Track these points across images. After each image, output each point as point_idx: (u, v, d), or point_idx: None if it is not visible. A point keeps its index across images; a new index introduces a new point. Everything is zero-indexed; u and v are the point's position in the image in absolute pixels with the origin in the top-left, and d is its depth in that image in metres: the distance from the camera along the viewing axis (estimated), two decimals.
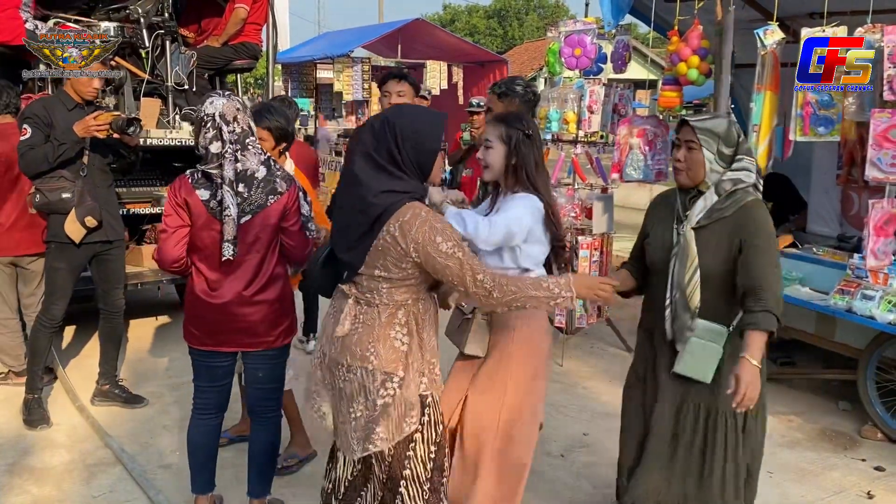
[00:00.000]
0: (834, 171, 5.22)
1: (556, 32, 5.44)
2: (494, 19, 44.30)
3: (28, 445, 3.99)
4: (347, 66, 10.07)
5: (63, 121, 4.06)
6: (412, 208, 2.28)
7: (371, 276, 2.35)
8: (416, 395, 2.38)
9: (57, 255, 4.18)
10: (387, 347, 2.35)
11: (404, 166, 2.30)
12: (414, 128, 2.31)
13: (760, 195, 2.59)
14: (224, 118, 2.82)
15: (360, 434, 2.38)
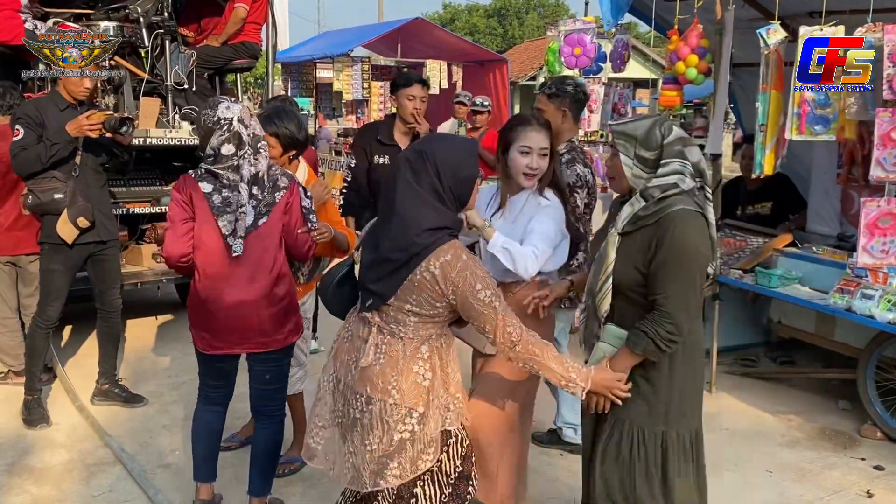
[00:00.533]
0: (834, 170, 5.21)
1: (556, 32, 5.46)
2: (494, 18, 44.30)
3: (28, 445, 3.99)
4: (347, 66, 10.07)
5: (55, 121, 4.05)
6: (453, 248, 2.25)
7: (400, 309, 2.30)
8: (436, 432, 2.33)
9: (51, 257, 4.17)
10: (409, 382, 2.30)
11: (445, 197, 2.28)
12: (452, 158, 2.30)
13: (703, 201, 2.36)
14: (243, 122, 2.91)
15: (374, 467, 2.32)
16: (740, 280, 4.73)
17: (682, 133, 2.36)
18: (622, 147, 2.39)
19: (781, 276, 4.58)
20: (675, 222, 2.28)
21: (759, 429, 4.37)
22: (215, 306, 2.96)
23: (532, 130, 2.92)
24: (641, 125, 2.37)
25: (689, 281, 2.31)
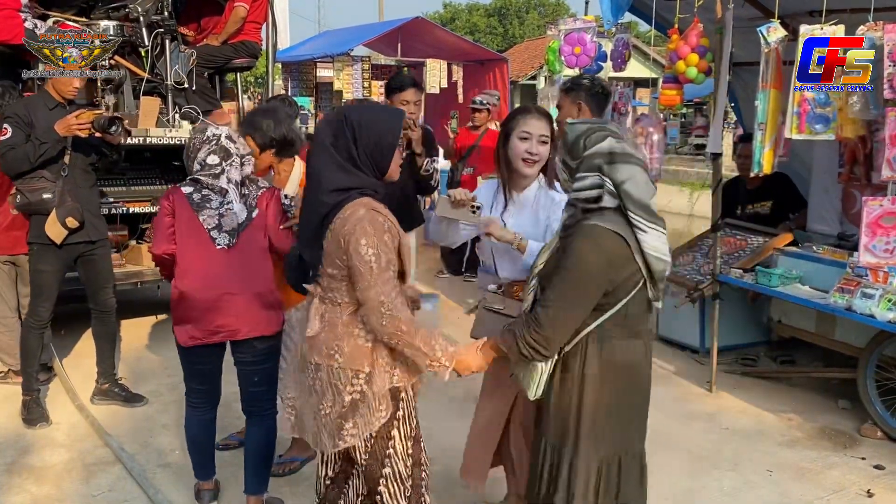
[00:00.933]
0: (835, 169, 5.21)
1: (556, 31, 5.44)
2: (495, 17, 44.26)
3: (27, 444, 3.99)
4: (347, 65, 10.06)
5: (44, 120, 4.04)
6: (354, 205, 2.28)
7: (329, 276, 2.37)
8: (384, 390, 2.38)
9: (40, 257, 4.16)
10: (351, 345, 2.36)
11: (360, 162, 2.31)
12: (371, 123, 2.32)
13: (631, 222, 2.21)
14: (230, 139, 3.16)
15: (332, 429, 2.40)
16: (741, 279, 4.73)
17: (616, 148, 2.22)
18: (559, 148, 2.36)
19: (782, 276, 4.58)
20: (578, 237, 2.23)
21: (759, 428, 4.36)
22: (197, 296, 3.07)
23: (532, 118, 2.93)
24: (576, 129, 2.30)
25: (568, 297, 2.21)
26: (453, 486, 3.64)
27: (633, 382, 2.35)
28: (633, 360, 2.33)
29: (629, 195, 2.19)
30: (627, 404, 2.35)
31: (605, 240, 2.20)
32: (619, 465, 2.33)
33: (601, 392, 2.30)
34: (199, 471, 3.38)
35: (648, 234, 2.20)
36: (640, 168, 2.23)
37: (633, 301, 2.26)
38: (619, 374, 2.31)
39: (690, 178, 18.12)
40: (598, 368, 2.29)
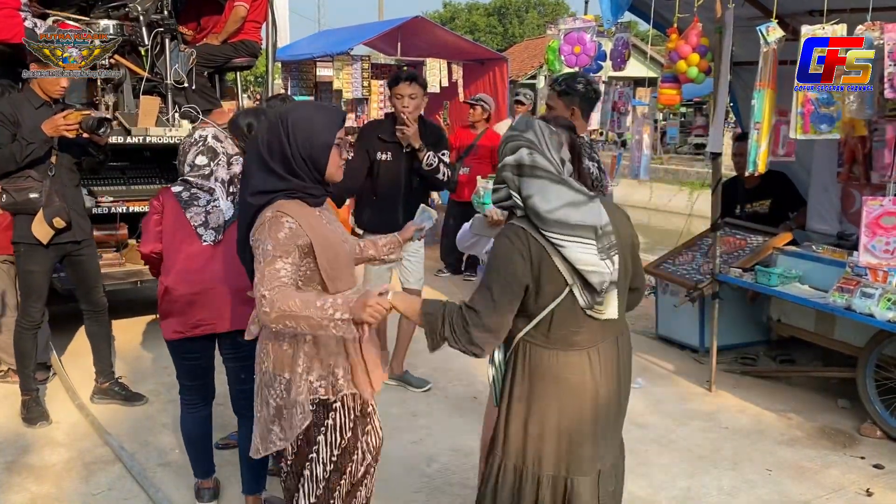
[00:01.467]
0: (834, 168, 5.20)
1: (556, 30, 5.44)
2: (495, 17, 44.28)
3: (27, 443, 3.99)
4: (347, 64, 10.04)
5: (30, 119, 4.01)
6: (271, 207, 2.25)
7: (253, 282, 2.34)
8: (305, 398, 2.34)
9: (28, 257, 4.14)
10: (275, 350, 2.38)
11: (296, 164, 2.26)
12: (303, 122, 2.27)
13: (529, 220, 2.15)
14: (217, 139, 3.19)
15: (262, 433, 2.44)
16: (740, 278, 4.74)
17: (526, 160, 2.14)
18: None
19: (781, 275, 4.58)
20: (498, 236, 2.18)
21: (758, 427, 4.37)
22: (181, 291, 3.09)
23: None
24: (504, 135, 2.24)
25: (492, 285, 2.12)
26: (451, 486, 3.65)
27: (569, 399, 2.20)
28: (566, 374, 2.20)
29: (535, 210, 2.10)
30: (560, 422, 2.21)
31: (521, 237, 2.12)
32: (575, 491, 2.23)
33: (546, 407, 2.21)
34: (197, 469, 3.39)
35: (568, 248, 2.08)
36: (549, 182, 2.12)
37: (560, 309, 2.15)
38: (548, 388, 2.20)
39: (690, 177, 18.14)
40: (523, 379, 2.23)
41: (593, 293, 2.14)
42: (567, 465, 2.23)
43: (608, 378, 2.24)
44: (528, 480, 2.24)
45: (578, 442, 2.22)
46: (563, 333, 2.18)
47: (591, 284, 2.12)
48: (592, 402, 2.22)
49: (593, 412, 2.23)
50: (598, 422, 2.24)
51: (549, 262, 2.11)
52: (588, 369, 2.21)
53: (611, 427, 2.30)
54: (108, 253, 5.62)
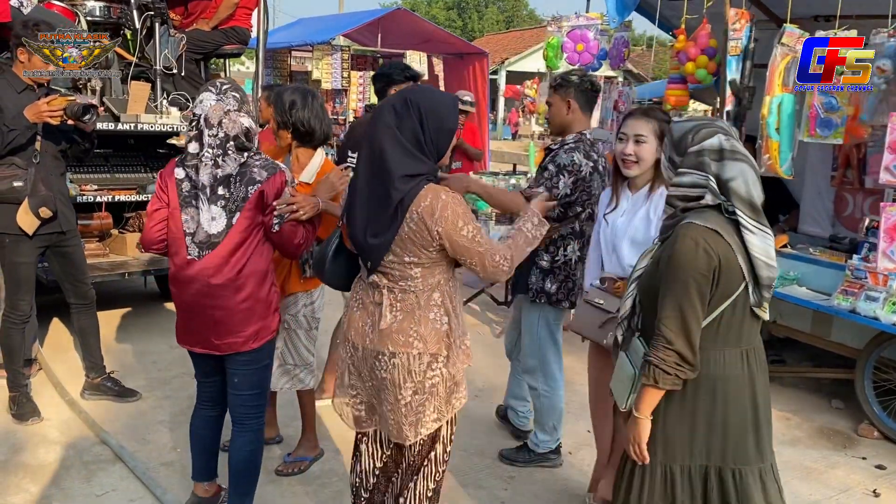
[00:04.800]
0: (828, 172, 5.30)
1: (556, 27, 5.42)
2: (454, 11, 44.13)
3: (19, 441, 3.83)
4: (327, 54, 9.90)
5: (13, 104, 3.84)
6: (431, 192, 2.28)
7: (402, 263, 2.35)
8: (461, 372, 2.42)
9: (15, 249, 3.97)
10: (429, 330, 2.37)
11: (426, 147, 2.31)
12: (436, 106, 2.33)
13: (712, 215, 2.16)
14: (208, 122, 2.76)
15: (413, 418, 2.40)
16: None
17: (726, 145, 2.14)
18: (665, 147, 2.31)
19: (781, 277, 4.63)
20: (678, 239, 2.16)
21: None
22: (179, 300, 2.93)
23: (631, 119, 2.97)
24: (682, 126, 2.25)
25: (680, 300, 2.12)
26: (465, 487, 3.62)
27: (726, 397, 2.22)
28: (725, 373, 2.21)
29: (737, 193, 2.13)
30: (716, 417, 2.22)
31: (706, 238, 2.12)
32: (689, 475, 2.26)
33: (684, 402, 2.23)
34: (194, 468, 3.23)
35: (756, 235, 2.13)
36: (749, 166, 2.16)
37: (732, 308, 2.17)
38: (707, 388, 2.21)
39: None
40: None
41: (762, 290, 2.17)
42: (734, 457, 2.24)
43: (759, 377, 2.27)
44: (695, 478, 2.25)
45: (725, 439, 2.24)
46: (729, 333, 2.20)
47: (761, 280, 2.14)
48: (748, 401, 2.24)
49: (746, 411, 2.25)
50: (746, 420, 2.25)
51: (731, 256, 2.12)
52: (743, 369, 2.23)
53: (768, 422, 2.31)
54: (91, 243, 5.44)
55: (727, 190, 2.15)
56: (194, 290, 2.85)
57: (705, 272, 2.11)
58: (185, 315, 2.94)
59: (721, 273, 2.12)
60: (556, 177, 3.35)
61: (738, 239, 2.14)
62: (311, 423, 3.70)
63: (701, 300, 2.13)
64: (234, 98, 2.80)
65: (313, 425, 3.71)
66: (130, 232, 5.71)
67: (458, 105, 2.46)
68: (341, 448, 3.85)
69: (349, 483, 2.73)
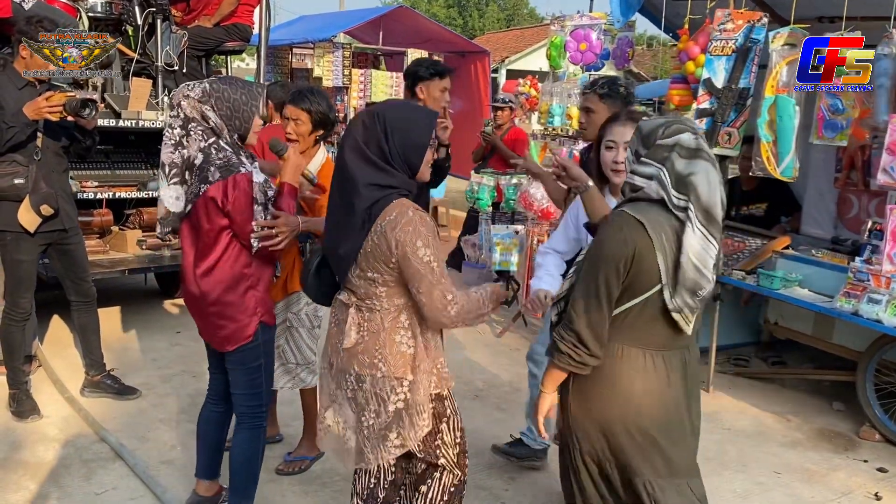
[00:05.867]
0: (831, 173, 5.28)
1: (559, 26, 5.40)
2: (455, 9, 44.02)
3: (18, 439, 3.82)
4: (329, 52, 9.88)
5: (13, 101, 3.82)
6: (399, 206, 2.25)
7: (367, 280, 2.32)
8: (426, 397, 2.36)
9: (17, 246, 3.95)
10: (393, 353, 2.33)
11: (392, 160, 2.27)
12: (403, 121, 2.29)
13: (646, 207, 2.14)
14: (170, 104, 2.82)
15: (374, 442, 2.37)
16: (742, 281, 4.76)
17: (690, 143, 2.12)
18: (631, 142, 2.28)
19: (782, 278, 4.62)
20: (605, 223, 2.18)
21: (759, 429, 4.41)
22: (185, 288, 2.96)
23: (617, 125, 2.89)
24: (653, 122, 2.21)
25: (588, 284, 2.13)
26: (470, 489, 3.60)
27: (623, 395, 2.18)
28: (621, 369, 2.17)
29: (696, 191, 2.08)
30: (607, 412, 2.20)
31: (629, 227, 2.11)
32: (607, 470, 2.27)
33: (577, 391, 2.24)
34: (198, 464, 3.21)
35: (696, 237, 2.06)
36: (713, 167, 2.12)
37: (644, 306, 2.13)
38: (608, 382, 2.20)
39: None
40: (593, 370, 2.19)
41: (685, 294, 2.10)
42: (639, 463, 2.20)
43: (680, 381, 2.22)
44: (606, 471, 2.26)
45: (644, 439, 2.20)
46: (641, 333, 2.17)
47: (684, 283, 2.08)
48: (660, 411, 2.19)
49: (655, 422, 2.19)
50: (656, 431, 2.20)
51: (650, 248, 2.08)
52: (658, 376, 2.18)
53: (678, 435, 2.26)
54: (91, 240, 5.43)
55: (686, 185, 2.09)
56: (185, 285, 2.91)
57: (617, 258, 2.10)
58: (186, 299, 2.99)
59: (633, 265, 2.09)
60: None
61: (669, 238, 2.09)
62: (312, 422, 3.67)
63: (608, 286, 2.11)
64: (203, 89, 2.73)
65: (315, 424, 3.69)
66: (131, 229, 5.70)
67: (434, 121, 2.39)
68: None
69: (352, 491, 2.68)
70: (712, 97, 4.36)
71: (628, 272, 2.10)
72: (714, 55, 4.34)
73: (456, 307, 2.27)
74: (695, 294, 2.11)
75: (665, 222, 2.11)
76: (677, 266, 2.08)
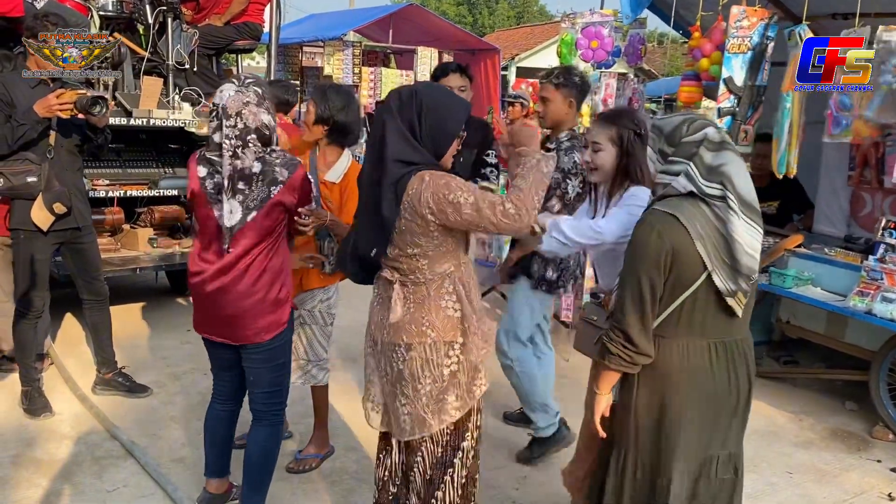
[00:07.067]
0: (844, 171, 5.25)
1: (570, 24, 5.38)
2: (464, 6, 43.98)
3: (31, 436, 3.84)
4: (339, 50, 9.88)
5: (25, 99, 3.82)
6: (417, 179, 2.26)
7: (407, 256, 2.34)
8: (480, 358, 2.40)
9: (30, 245, 3.96)
10: (441, 318, 2.36)
11: (421, 139, 2.30)
12: (439, 105, 2.31)
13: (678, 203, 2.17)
14: (226, 112, 2.71)
15: (434, 407, 2.39)
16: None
17: (715, 137, 2.17)
18: (651, 141, 2.30)
19: (795, 277, 4.59)
20: (638, 224, 2.21)
21: (771, 429, 4.38)
22: (196, 287, 2.93)
23: (594, 124, 2.95)
24: (673, 120, 2.26)
25: (631, 283, 2.16)
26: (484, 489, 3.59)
27: (689, 389, 2.23)
28: (689, 365, 2.21)
29: (730, 179, 2.13)
30: (680, 410, 2.24)
31: (662, 223, 2.14)
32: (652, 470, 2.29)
33: (652, 393, 2.25)
34: (207, 463, 3.22)
35: (739, 221, 2.12)
36: (738, 156, 2.18)
37: (693, 298, 2.17)
38: (670, 379, 2.23)
39: None
40: (652, 368, 2.23)
41: (740, 278, 2.14)
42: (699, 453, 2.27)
43: (739, 367, 2.26)
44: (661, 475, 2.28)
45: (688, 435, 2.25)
46: (693, 323, 2.19)
47: (740, 268, 2.12)
48: (712, 395, 2.24)
49: (708, 405, 2.25)
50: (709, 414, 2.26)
51: (689, 242, 2.11)
52: (710, 360, 2.22)
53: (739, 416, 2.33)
54: (102, 238, 5.45)
55: (719, 174, 2.14)
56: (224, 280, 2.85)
57: (655, 256, 2.13)
58: (200, 306, 2.96)
59: (673, 260, 2.13)
60: (565, 182, 3.42)
61: (704, 226, 2.13)
62: (323, 419, 3.69)
63: (651, 283, 2.14)
64: (255, 93, 2.76)
65: (325, 422, 3.70)
66: (142, 227, 5.72)
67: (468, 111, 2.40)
68: (353, 445, 3.84)
69: (375, 477, 2.69)
70: (732, 95, 4.35)
71: (670, 266, 2.14)
72: (732, 53, 4.32)
73: (510, 204, 2.21)
74: (749, 278, 2.17)
75: (697, 212, 2.14)
76: (728, 252, 2.13)
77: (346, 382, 4.66)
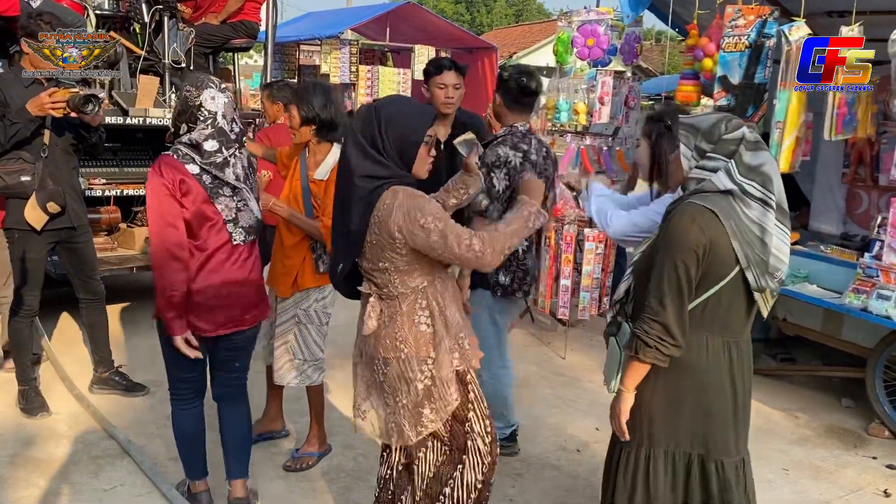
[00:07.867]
0: (840, 169, 5.26)
1: (566, 22, 5.37)
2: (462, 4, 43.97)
3: (28, 436, 3.84)
4: (335, 48, 9.87)
5: (19, 98, 3.82)
6: (389, 194, 2.29)
7: (379, 270, 2.38)
8: (450, 373, 2.42)
9: (24, 244, 3.96)
10: (414, 333, 2.40)
11: (385, 152, 2.32)
12: (398, 115, 2.34)
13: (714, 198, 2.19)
14: (226, 118, 2.83)
15: (412, 419, 2.43)
16: None
17: (751, 136, 2.21)
18: (684, 138, 2.29)
19: (791, 274, 4.60)
20: (674, 216, 2.21)
21: (768, 426, 4.39)
22: (214, 286, 2.92)
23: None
24: (709, 119, 2.28)
25: (669, 274, 2.17)
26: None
27: (707, 386, 2.27)
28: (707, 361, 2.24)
29: (771, 180, 2.17)
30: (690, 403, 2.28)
31: (702, 216, 2.16)
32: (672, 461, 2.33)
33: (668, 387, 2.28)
34: (193, 470, 3.19)
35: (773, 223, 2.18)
36: (771, 156, 2.22)
37: (718, 294, 2.20)
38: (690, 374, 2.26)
39: None
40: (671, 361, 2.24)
41: (768, 277, 2.19)
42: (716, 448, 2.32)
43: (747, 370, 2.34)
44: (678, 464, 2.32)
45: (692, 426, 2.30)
46: (716, 318, 2.23)
47: (769, 268, 2.18)
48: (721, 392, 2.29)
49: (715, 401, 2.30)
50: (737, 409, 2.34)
51: (725, 236, 2.15)
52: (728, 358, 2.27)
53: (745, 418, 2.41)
54: (99, 237, 5.45)
55: (760, 175, 2.18)
56: (243, 269, 2.98)
57: (695, 247, 2.15)
58: (216, 299, 2.93)
59: (710, 253, 2.16)
60: (489, 176, 3.45)
61: (739, 224, 2.16)
62: (319, 418, 3.70)
63: (688, 275, 2.17)
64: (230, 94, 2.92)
65: (321, 421, 3.71)
66: (139, 226, 5.72)
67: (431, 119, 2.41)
68: (350, 443, 3.85)
69: (377, 476, 2.71)
70: (728, 94, 4.35)
71: (706, 262, 2.17)
72: (727, 52, 4.32)
73: (477, 240, 2.25)
74: (775, 277, 2.22)
75: (731, 210, 2.17)
76: (762, 251, 2.17)
77: (343, 381, 4.66)
